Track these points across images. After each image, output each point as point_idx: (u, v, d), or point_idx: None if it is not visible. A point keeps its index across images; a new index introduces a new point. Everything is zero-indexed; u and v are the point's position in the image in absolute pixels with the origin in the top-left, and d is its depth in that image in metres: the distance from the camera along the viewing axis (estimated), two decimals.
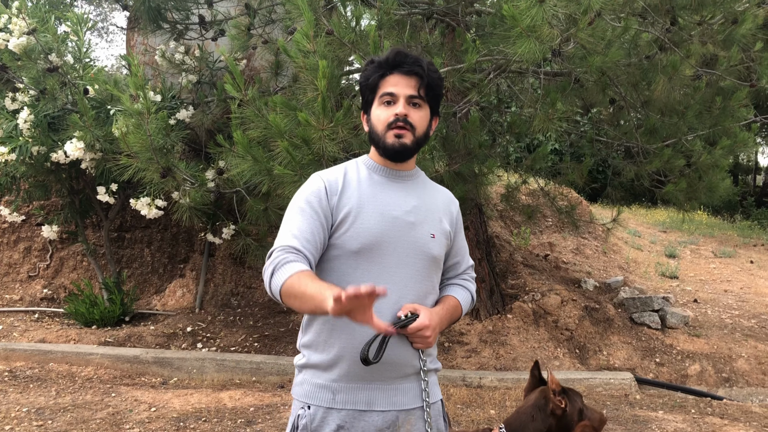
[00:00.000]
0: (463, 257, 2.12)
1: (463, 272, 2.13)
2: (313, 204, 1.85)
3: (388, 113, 1.86)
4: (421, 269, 1.90)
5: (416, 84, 1.86)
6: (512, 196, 6.97)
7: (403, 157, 1.91)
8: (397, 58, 1.86)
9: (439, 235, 1.95)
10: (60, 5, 7.00)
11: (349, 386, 1.84)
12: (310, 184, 1.90)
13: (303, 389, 1.89)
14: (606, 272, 8.61)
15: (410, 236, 1.89)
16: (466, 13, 5.70)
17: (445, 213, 2.01)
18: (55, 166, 5.93)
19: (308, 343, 1.90)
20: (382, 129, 1.87)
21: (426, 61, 1.88)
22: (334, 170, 1.95)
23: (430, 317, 1.85)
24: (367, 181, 1.92)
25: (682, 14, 5.00)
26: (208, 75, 6.42)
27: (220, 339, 6.32)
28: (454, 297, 2.03)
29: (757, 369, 6.05)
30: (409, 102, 1.86)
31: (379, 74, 1.88)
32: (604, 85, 5.55)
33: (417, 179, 2.00)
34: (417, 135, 1.88)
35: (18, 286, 7.34)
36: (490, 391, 5.31)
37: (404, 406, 1.88)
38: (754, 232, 14.35)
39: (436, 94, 1.91)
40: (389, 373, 1.85)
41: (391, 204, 1.89)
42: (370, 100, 1.92)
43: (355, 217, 1.84)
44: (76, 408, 4.74)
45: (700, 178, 6.02)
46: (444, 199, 2.05)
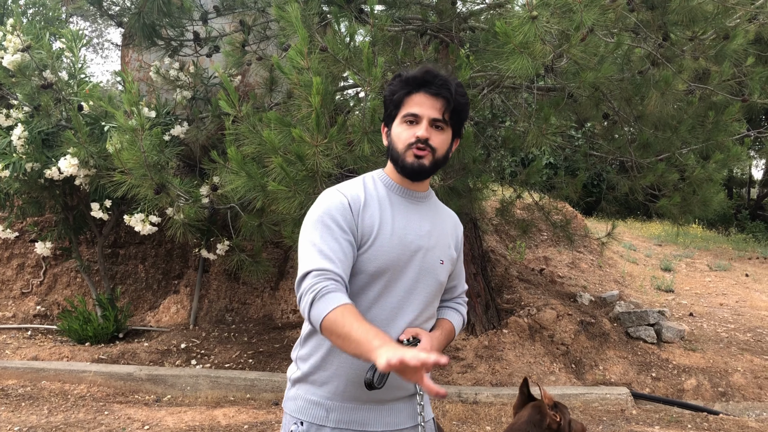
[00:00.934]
0: (460, 281, 2.12)
1: (458, 296, 2.12)
2: (339, 221, 1.78)
3: (409, 133, 1.82)
4: (428, 295, 1.89)
5: (442, 107, 1.81)
6: (507, 210, 6.97)
7: (420, 177, 1.88)
8: (426, 77, 1.82)
9: (447, 261, 1.94)
10: (55, 22, 7.01)
11: (344, 405, 1.82)
12: (333, 199, 1.82)
13: (296, 404, 1.86)
14: (601, 286, 8.61)
15: (423, 262, 1.87)
16: (459, 29, 5.73)
17: (452, 238, 2.00)
18: (48, 183, 5.92)
19: (305, 357, 1.88)
20: (403, 148, 1.83)
21: (455, 84, 1.83)
22: (353, 185, 1.89)
23: (431, 343, 1.83)
24: (386, 200, 1.88)
25: (674, 30, 5.04)
26: (202, 91, 6.43)
27: (214, 356, 6.28)
28: (449, 321, 2.02)
29: (754, 383, 6.04)
30: (432, 124, 1.81)
31: (405, 91, 1.83)
32: (598, 100, 5.58)
33: (430, 201, 1.98)
34: (437, 157, 1.84)
35: (11, 303, 7.29)
36: (486, 407, 5.28)
37: (398, 426, 1.87)
38: (749, 245, 14.38)
39: (461, 118, 1.87)
40: (384, 395, 1.84)
41: (408, 228, 1.86)
42: (393, 115, 1.87)
43: (375, 239, 1.81)
44: (69, 427, 4.70)
45: (694, 191, 6.04)
46: (452, 223, 2.04)
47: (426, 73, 1.82)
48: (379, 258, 1.80)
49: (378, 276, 1.81)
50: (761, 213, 18.95)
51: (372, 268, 1.80)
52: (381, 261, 1.80)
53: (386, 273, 1.81)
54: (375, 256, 1.80)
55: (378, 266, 1.80)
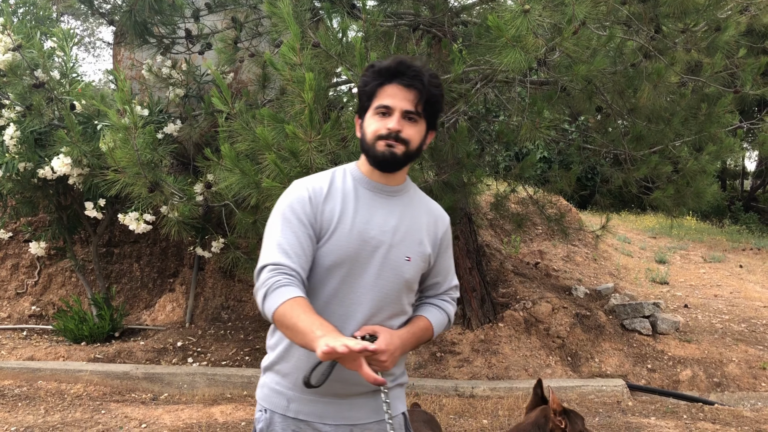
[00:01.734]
0: (445, 277, 2.04)
1: (443, 292, 2.05)
2: (299, 214, 1.78)
3: (380, 125, 1.79)
4: (390, 292, 1.84)
5: (414, 98, 1.77)
6: (501, 204, 6.98)
7: (392, 168, 1.84)
8: (399, 68, 1.78)
9: (416, 258, 1.88)
10: (46, 21, 6.98)
11: (303, 397, 1.84)
12: (295, 192, 1.83)
13: (263, 392, 1.90)
14: (596, 279, 8.63)
15: (385, 258, 1.83)
16: (452, 23, 5.73)
17: (428, 234, 1.93)
18: (42, 182, 5.90)
19: (272, 346, 1.90)
20: (373, 138, 1.80)
21: (428, 74, 1.79)
22: (320, 177, 1.88)
23: (389, 341, 1.76)
24: (352, 193, 1.85)
25: (666, 22, 5.05)
26: (195, 89, 6.41)
27: (210, 353, 6.28)
28: (426, 318, 1.95)
29: (748, 373, 6.07)
30: (404, 116, 1.78)
31: (378, 82, 1.79)
32: (591, 93, 5.58)
33: (404, 195, 1.92)
34: (410, 149, 1.81)
35: (6, 304, 7.27)
36: (483, 400, 5.30)
37: (357, 421, 1.86)
38: (742, 237, 14.44)
39: (435, 110, 1.84)
40: (341, 390, 1.83)
41: (370, 223, 1.83)
42: (366, 107, 1.83)
43: (333, 232, 1.79)
44: (66, 426, 4.69)
45: (687, 183, 6.06)
46: (430, 219, 1.97)
47: (399, 63, 1.78)
48: (336, 251, 1.79)
49: (334, 270, 1.79)
50: (755, 204, 19.01)
51: (328, 261, 1.79)
52: (337, 254, 1.79)
53: (343, 267, 1.79)
54: (332, 250, 1.79)
55: (334, 260, 1.79)
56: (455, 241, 6.49)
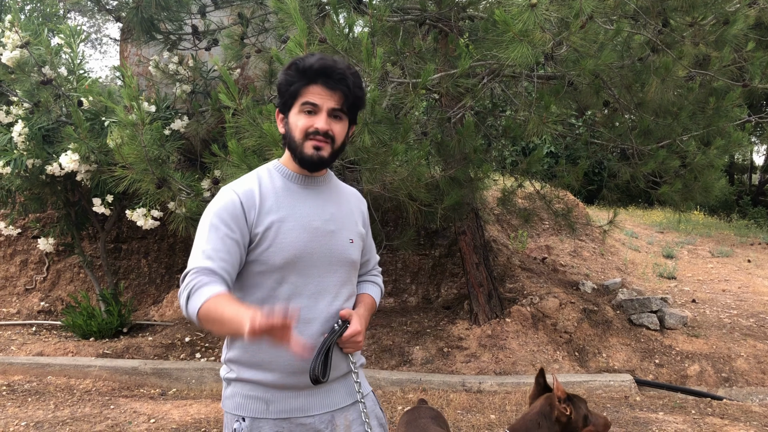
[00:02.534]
0: (371, 254, 2.16)
1: (372, 268, 2.18)
2: (227, 221, 1.78)
3: (307, 122, 1.80)
4: (343, 275, 1.91)
5: (340, 99, 1.80)
6: (508, 199, 6.97)
7: (318, 169, 1.89)
8: (324, 71, 1.78)
9: (357, 239, 1.97)
10: (53, 17, 7.00)
11: (282, 395, 1.84)
12: (222, 198, 1.82)
13: (235, 402, 1.87)
14: (604, 274, 8.61)
15: (331, 245, 1.88)
16: (458, 18, 5.71)
17: (358, 215, 2.03)
18: (50, 179, 5.93)
19: (235, 359, 1.88)
20: (300, 137, 1.81)
21: (351, 76, 1.81)
22: (246, 181, 1.87)
23: (360, 322, 1.88)
24: (283, 191, 1.87)
25: (674, 16, 5.02)
26: (202, 85, 6.42)
27: (218, 349, 6.30)
28: (369, 295, 2.08)
29: (757, 368, 6.05)
30: (330, 114, 1.81)
31: (303, 83, 1.80)
32: (598, 87, 5.56)
33: (330, 184, 1.99)
34: (335, 146, 1.85)
35: (15, 300, 7.31)
36: (490, 395, 5.30)
37: (338, 406, 1.91)
38: (750, 231, 14.37)
39: (358, 108, 1.88)
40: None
41: (310, 215, 1.87)
42: (289, 104, 1.84)
43: (277, 232, 1.80)
44: (75, 421, 4.72)
45: (695, 178, 6.03)
46: (355, 201, 2.06)
47: (323, 65, 1.78)
48: (285, 249, 1.80)
49: (288, 267, 1.81)
50: (763, 199, 18.92)
51: (279, 260, 1.80)
52: (287, 252, 1.80)
53: (297, 263, 1.82)
54: (281, 248, 1.80)
55: (286, 257, 1.80)
56: (462, 236, 6.48)
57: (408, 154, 4.54)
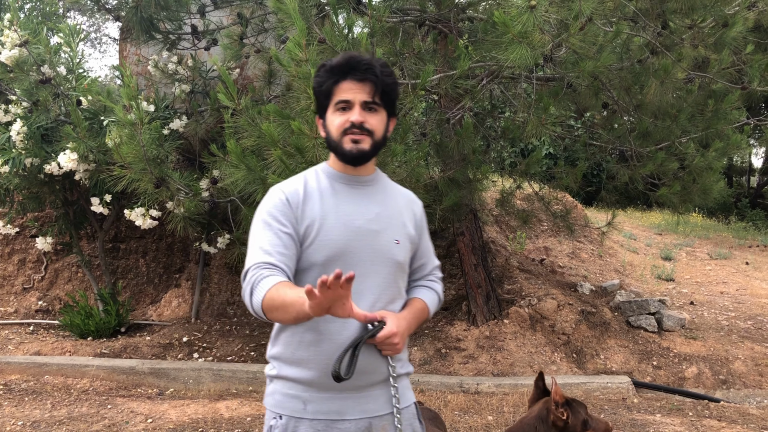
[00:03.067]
0: (429, 259, 2.11)
1: (429, 273, 2.12)
2: (278, 216, 1.82)
3: (343, 119, 1.83)
4: (387, 276, 1.89)
5: (371, 90, 1.82)
6: (507, 201, 6.97)
7: (360, 162, 1.89)
8: (350, 64, 1.82)
9: (404, 240, 1.94)
10: (52, 16, 6.99)
11: (320, 396, 1.83)
12: (271, 198, 1.87)
13: (274, 399, 1.88)
14: (602, 276, 8.62)
15: (375, 244, 1.87)
16: (458, 19, 5.71)
17: (408, 217, 2.00)
18: (48, 178, 5.92)
19: (277, 355, 1.90)
20: (338, 134, 1.84)
21: (379, 65, 1.84)
22: (293, 181, 1.92)
23: (398, 324, 1.83)
24: (328, 190, 1.89)
25: (673, 18, 5.02)
26: (201, 84, 6.42)
27: (216, 349, 6.29)
28: (421, 299, 2.02)
29: (754, 371, 6.06)
30: (364, 107, 1.83)
31: (332, 81, 1.83)
32: (597, 89, 5.57)
33: (378, 184, 1.98)
34: (375, 139, 1.86)
35: (12, 299, 7.31)
36: (488, 397, 5.30)
37: (376, 413, 1.87)
38: (749, 234, 14.38)
39: (392, 98, 1.88)
40: (359, 381, 1.83)
41: (353, 213, 1.87)
42: (325, 106, 1.88)
43: (319, 230, 1.82)
44: (72, 421, 4.71)
45: (693, 180, 6.04)
46: (406, 202, 2.03)
47: (349, 59, 1.82)
48: (327, 247, 1.81)
49: (329, 265, 1.81)
50: (761, 201, 18.94)
51: (321, 258, 1.81)
52: (329, 249, 1.81)
53: (337, 261, 1.82)
54: (322, 245, 1.81)
55: (327, 255, 1.81)
56: (461, 237, 6.48)
57: (407, 154, 4.54)
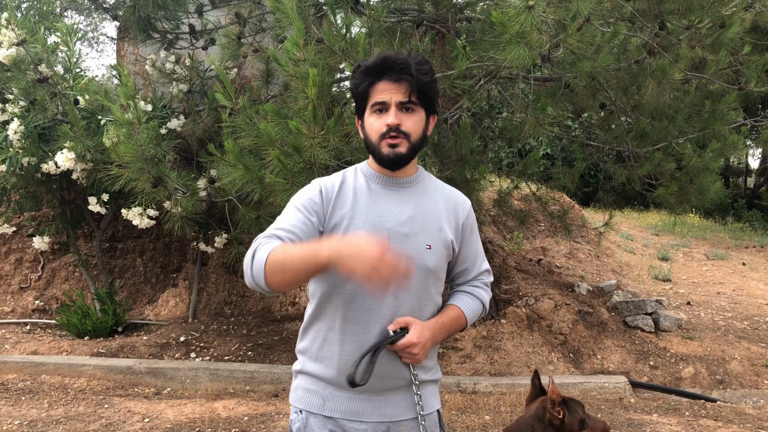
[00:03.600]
0: (473, 263, 2.02)
1: (473, 278, 2.04)
2: (306, 204, 1.81)
3: (380, 123, 1.80)
4: (415, 282, 1.82)
5: (406, 89, 1.78)
6: (504, 201, 6.98)
7: (399, 166, 1.85)
8: (385, 64, 1.78)
9: (437, 245, 1.87)
10: (50, 16, 6.99)
11: (339, 395, 1.83)
12: (308, 188, 1.87)
13: (297, 394, 1.90)
14: (599, 276, 8.63)
15: (403, 248, 1.80)
16: (456, 19, 5.72)
17: (448, 220, 1.92)
18: (45, 177, 5.91)
19: (303, 350, 1.90)
20: (376, 139, 1.81)
21: (415, 63, 1.79)
22: (333, 176, 1.91)
23: (420, 333, 1.79)
24: (363, 189, 1.86)
25: (670, 19, 5.03)
26: (198, 84, 6.41)
27: (213, 348, 6.29)
28: (457, 307, 1.95)
29: (751, 371, 6.07)
30: (401, 108, 1.79)
31: (368, 82, 1.80)
32: (594, 89, 5.58)
33: (418, 185, 1.92)
34: (413, 141, 1.81)
35: (9, 298, 7.29)
36: (485, 396, 5.31)
37: (395, 418, 1.85)
38: (745, 234, 14.41)
39: (429, 96, 1.83)
40: (377, 385, 1.81)
41: (384, 215, 1.83)
42: (363, 107, 1.85)
43: (346, 229, 1.79)
44: (69, 420, 4.71)
45: (690, 181, 6.05)
46: (449, 204, 1.95)
47: (384, 59, 1.79)
48: None
49: None
50: (758, 202, 18.99)
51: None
52: None
53: None
54: None
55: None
56: None
57: None
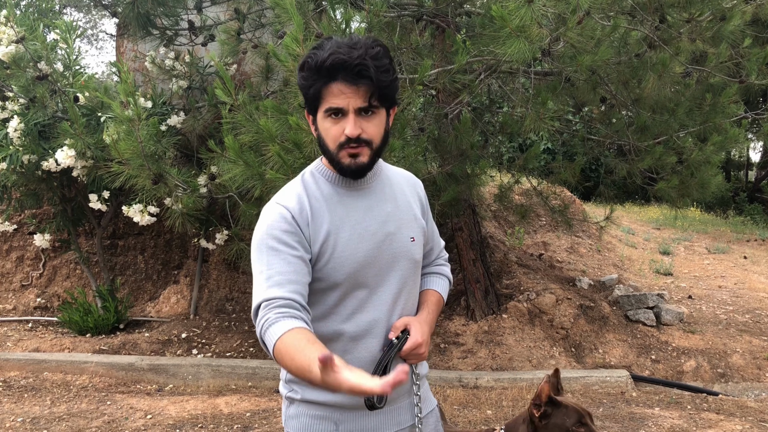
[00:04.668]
0: (435, 242, 1.97)
1: (437, 257, 1.99)
2: (285, 239, 1.62)
3: (337, 130, 1.60)
4: (408, 278, 1.77)
5: (365, 93, 1.56)
6: (505, 196, 6.97)
7: (361, 176, 1.68)
8: (338, 65, 1.54)
9: (418, 235, 1.80)
10: (49, 13, 6.98)
11: (353, 414, 1.74)
12: (274, 217, 1.65)
13: (300, 422, 1.75)
14: (600, 270, 8.63)
15: (392, 248, 1.73)
16: (455, 14, 5.70)
17: (416, 204, 1.84)
18: (46, 175, 5.91)
19: (297, 380, 1.75)
20: (334, 148, 1.62)
21: (372, 59, 1.55)
22: (292, 192, 1.70)
23: (422, 331, 1.74)
24: (333, 197, 1.70)
25: (671, 12, 5.02)
26: (198, 80, 6.40)
27: (215, 345, 6.30)
28: (435, 291, 1.91)
29: (752, 364, 6.07)
30: (359, 114, 1.58)
31: (322, 83, 1.57)
32: (595, 83, 5.56)
33: (381, 177, 1.79)
34: (375, 147, 1.64)
35: (11, 296, 7.30)
36: (487, 391, 5.31)
37: (406, 424, 1.83)
38: (747, 228, 14.40)
39: (390, 93, 1.62)
40: (391, 395, 1.75)
41: (365, 219, 1.70)
42: (315, 106, 1.63)
43: (334, 246, 1.65)
44: (72, 417, 4.72)
45: (691, 174, 6.04)
46: (410, 187, 1.86)
47: (336, 60, 1.54)
48: (346, 263, 1.67)
49: (350, 281, 1.68)
50: (759, 195, 18.96)
51: (342, 275, 1.67)
52: (349, 266, 1.67)
53: (359, 275, 1.69)
54: (341, 263, 1.66)
55: (348, 272, 1.67)
56: (459, 233, 6.48)
57: (405, 150, 4.53)
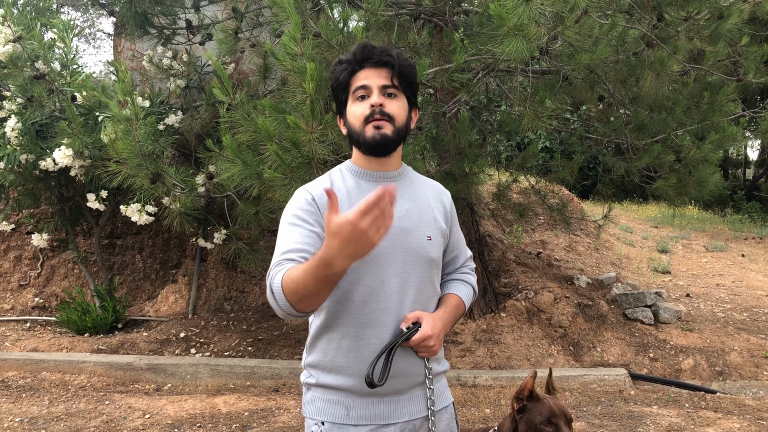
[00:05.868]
0: (460, 250, 2.06)
1: (462, 266, 2.07)
2: (304, 216, 1.76)
3: (363, 107, 1.78)
4: (421, 274, 1.83)
5: (388, 74, 1.78)
6: (504, 194, 6.98)
7: (386, 150, 1.82)
8: (365, 52, 1.79)
9: (436, 235, 1.88)
10: (46, 12, 6.96)
11: (364, 401, 1.79)
12: (298, 199, 1.81)
13: (315, 407, 1.83)
14: (598, 269, 8.63)
15: (407, 243, 1.81)
16: (453, 12, 5.70)
17: (438, 210, 1.94)
18: (44, 174, 5.90)
19: (314, 363, 1.85)
20: (360, 124, 1.78)
21: (395, 50, 1.81)
22: (318, 182, 1.86)
23: (433, 325, 1.79)
24: (355, 189, 1.83)
25: (669, 10, 5.02)
26: (196, 79, 6.40)
27: (213, 344, 6.29)
28: (455, 295, 1.97)
29: (750, 362, 6.08)
30: (383, 92, 1.78)
31: (349, 71, 1.81)
32: (593, 82, 5.57)
33: (405, 178, 1.92)
34: (397, 126, 1.80)
35: (9, 296, 7.29)
36: (485, 390, 5.32)
37: (418, 415, 1.84)
38: (744, 226, 14.42)
39: (411, 82, 1.83)
40: (399, 385, 1.81)
41: None
42: (344, 100, 1.84)
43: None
44: (70, 417, 4.71)
45: (689, 172, 6.05)
46: (435, 194, 1.97)
47: (364, 48, 1.80)
48: None
49: (361, 268, 1.75)
50: (757, 193, 18.99)
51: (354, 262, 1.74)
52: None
53: (371, 263, 1.76)
54: None
55: (360, 260, 1.72)
56: None
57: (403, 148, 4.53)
